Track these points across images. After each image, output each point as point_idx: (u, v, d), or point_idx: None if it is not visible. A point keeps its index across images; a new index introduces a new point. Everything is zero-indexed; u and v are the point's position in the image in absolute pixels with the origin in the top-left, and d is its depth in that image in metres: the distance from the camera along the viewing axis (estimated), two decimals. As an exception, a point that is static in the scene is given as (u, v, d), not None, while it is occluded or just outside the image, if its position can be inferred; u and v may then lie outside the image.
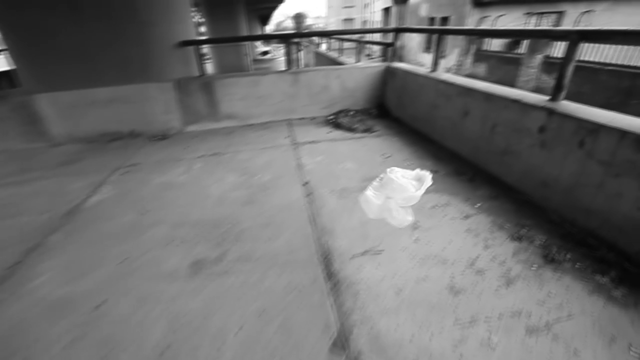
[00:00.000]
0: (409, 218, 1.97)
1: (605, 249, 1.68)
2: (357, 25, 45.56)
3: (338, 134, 3.80)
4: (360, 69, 4.42)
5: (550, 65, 9.04)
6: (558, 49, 9.07)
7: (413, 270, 1.66)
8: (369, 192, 2.03)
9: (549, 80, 8.98)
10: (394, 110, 4.32)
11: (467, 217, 2.09)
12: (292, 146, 3.49)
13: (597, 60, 8.09)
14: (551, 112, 2.03)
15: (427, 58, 16.46)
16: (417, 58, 19.59)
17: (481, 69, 12.63)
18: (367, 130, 3.82)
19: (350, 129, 3.85)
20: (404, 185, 1.95)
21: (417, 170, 1.99)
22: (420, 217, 2.10)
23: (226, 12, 16.13)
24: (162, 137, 4.07)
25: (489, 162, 2.63)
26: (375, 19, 34.28)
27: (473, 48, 13.28)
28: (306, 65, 16.39)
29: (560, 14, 13.02)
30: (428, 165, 2.85)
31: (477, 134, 2.73)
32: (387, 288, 1.56)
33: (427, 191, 2.40)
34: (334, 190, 2.50)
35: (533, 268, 1.63)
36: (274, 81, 4.27)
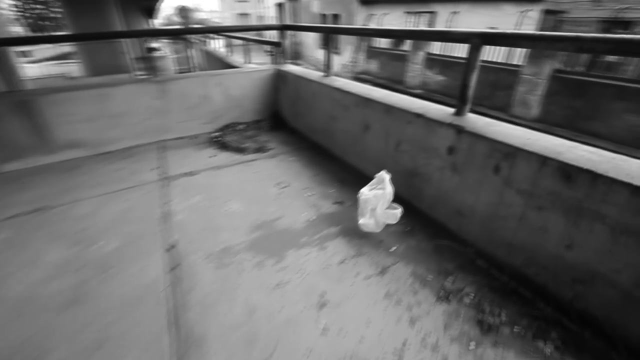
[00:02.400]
0: (398, 212, 1.88)
1: (539, 300, 1.41)
2: (253, 21, 44.07)
3: (224, 157, 3.06)
4: (246, 74, 3.73)
5: (432, 61, 9.83)
6: (436, 47, 9.92)
7: (323, 396, 1.11)
8: (362, 220, 1.88)
9: (432, 76, 9.77)
10: (290, 120, 3.78)
11: (383, 271, 1.65)
12: (161, 183, 2.62)
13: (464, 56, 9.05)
14: (460, 131, 1.72)
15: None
16: (314, 54, 19.70)
17: (374, 65, 13.18)
18: (260, 149, 3.18)
19: (239, 150, 3.15)
20: (376, 195, 1.87)
21: (376, 175, 1.97)
22: (328, 284, 1.58)
23: (91, 3, 13.30)
24: (-44, 185, 2.70)
25: (397, 184, 2.26)
26: (271, 14, 33.56)
27: (364, 45, 13.78)
28: (198, 65, 14.78)
29: (433, 13, 14.46)
30: (332, 195, 2.37)
31: (382, 151, 2.36)
32: None
33: (332, 236, 1.91)
34: (211, 255, 1.80)
35: (471, 348, 1.25)
36: (133, 93, 3.26)
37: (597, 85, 5.64)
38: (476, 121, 1.75)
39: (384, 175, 1.95)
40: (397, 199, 2.16)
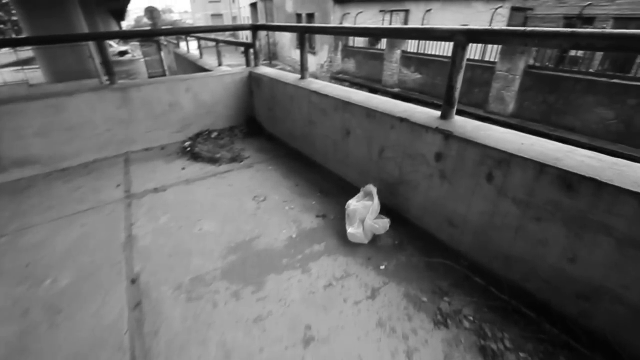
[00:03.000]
0: (386, 221, 1.87)
1: (542, 319, 1.30)
2: (226, 22, 43.24)
3: (196, 169, 2.83)
4: (217, 78, 3.49)
5: (408, 59, 9.84)
6: (412, 45, 9.96)
7: None
8: (351, 230, 1.83)
9: (409, 74, 9.79)
10: (267, 126, 3.58)
11: (373, 294, 1.50)
12: (125, 201, 2.37)
13: (439, 53, 9.12)
14: (447, 136, 1.60)
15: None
16: (291, 55, 19.48)
17: (350, 65, 13.12)
18: (235, 158, 2.97)
19: (212, 160, 2.93)
20: (365, 205, 1.88)
21: (361, 189, 2.03)
22: (314, 314, 1.41)
23: (50, 6, 12.49)
24: None
25: (383, 192, 2.13)
26: (245, 14, 33.00)
27: (341, 44, 13.69)
28: (169, 68, 14.23)
29: (407, 12, 14.58)
30: (313, 207, 2.21)
31: (365, 158, 2.22)
32: None
33: (316, 255, 1.75)
34: (181, 286, 1.59)
35: (477, 382, 1.12)
36: (91, 103, 2.96)
37: (569, 79, 5.77)
38: (464, 125, 1.63)
39: (371, 188, 1.94)
40: (383, 208, 2.03)
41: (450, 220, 1.71)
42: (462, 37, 1.50)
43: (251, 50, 3.82)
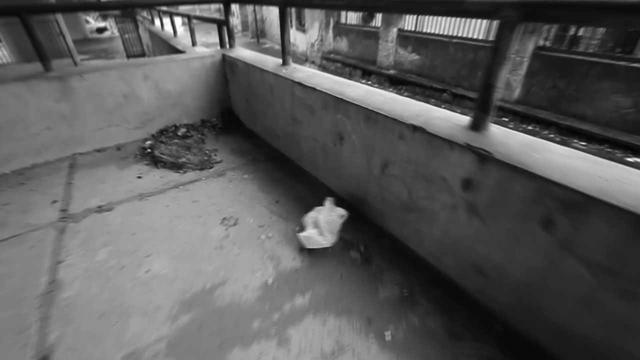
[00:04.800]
0: (341, 210, 1.68)
1: None
2: (211, -4, 40.84)
3: (155, 178, 2.31)
4: (183, 62, 2.90)
5: (404, 38, 9.14)
6: (410, 22, 9.22)
7: None
8: (304, 233, 1.59)
9: (407, 54, 9.12)
10: (245, 120, 3.05)
11: (378, 386, 1.06)
12: (58, 225, 1.86)
13: (440, 32, 8.42)
14: (483, 158, 1.12)
15: (294, 35, 15.43)
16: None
17: (343, 44, 12.31)
18: (205, 162, 2.45)
19: (175, 166, 2.41)
20: (316, 209, 1.70)
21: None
22: None
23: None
24: None
25: (386, 217, 1.68)
26: (230, -12, 31.04)
27: (332, 21, 12.80)
28: (147, 47, 13.18)
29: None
30: (297, 235, 1.74)
31: (362, 172, 1.74)
32: None
33: (298, 315, 1.29)
34: (105, 373, 1.13)
35: None
36: (20, 96, 2.38)
37: (583, 63, 5.28)
38: (507, 141, 1.15)
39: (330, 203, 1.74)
40: (386, 236, 1.58)
41: (480, 268, 1.27)
42: (513, 13, 1.00)
43: (226, 30, 3.21)
